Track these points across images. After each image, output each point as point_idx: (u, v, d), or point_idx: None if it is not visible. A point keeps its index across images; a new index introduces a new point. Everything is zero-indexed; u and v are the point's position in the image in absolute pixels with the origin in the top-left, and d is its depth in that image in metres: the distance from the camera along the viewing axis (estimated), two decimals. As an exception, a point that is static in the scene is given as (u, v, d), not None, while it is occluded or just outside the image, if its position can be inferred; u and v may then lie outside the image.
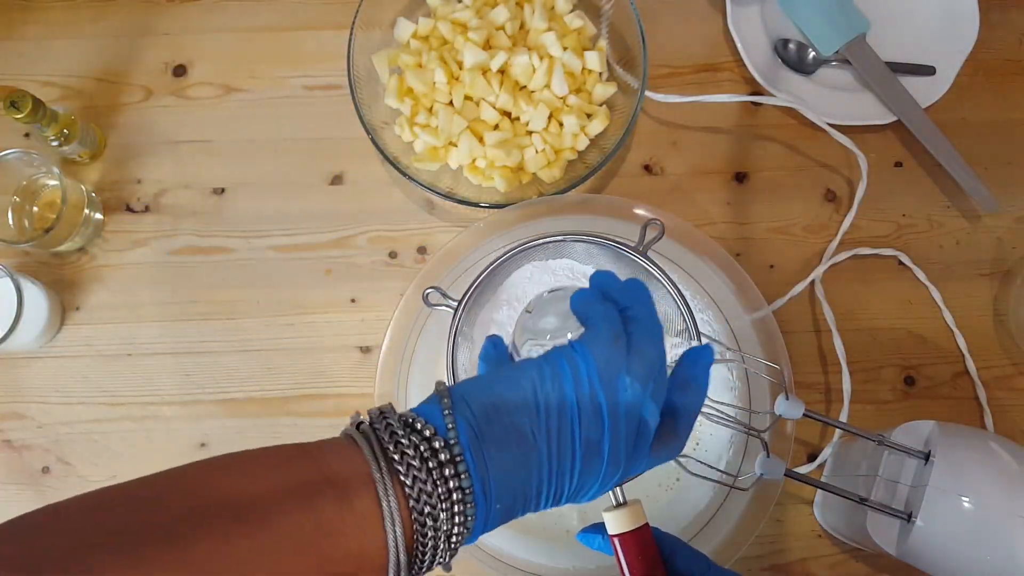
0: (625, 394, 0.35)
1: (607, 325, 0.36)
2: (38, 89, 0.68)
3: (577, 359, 0.35)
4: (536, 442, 0.33)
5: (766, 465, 0.48)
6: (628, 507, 0.42)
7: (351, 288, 0.66)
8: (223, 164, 0.68)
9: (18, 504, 0.63)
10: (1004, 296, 0.65)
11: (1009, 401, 0.64)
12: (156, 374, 0.65)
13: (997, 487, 0.46)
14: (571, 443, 0.34)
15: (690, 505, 0.57)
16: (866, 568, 0.62)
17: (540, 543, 0.57)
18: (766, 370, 0.54)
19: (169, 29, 0.71)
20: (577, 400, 0.34)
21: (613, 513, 0.42)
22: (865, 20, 0.69)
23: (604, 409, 0.34)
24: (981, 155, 0.68)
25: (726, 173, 0.68)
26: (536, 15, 0.64)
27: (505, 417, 0.34)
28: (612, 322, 0.36)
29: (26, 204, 0.66)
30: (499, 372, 0.36)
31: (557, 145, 0.65)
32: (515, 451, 0.33)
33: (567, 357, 0.35)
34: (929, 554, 0.47)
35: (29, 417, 0.64)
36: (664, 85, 0.70)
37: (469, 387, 0.35)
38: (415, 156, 0.65)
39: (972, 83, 0.69)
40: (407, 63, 0.65)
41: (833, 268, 0.66)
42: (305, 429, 0.64)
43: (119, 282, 0.66)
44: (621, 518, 0.42)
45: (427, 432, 0.33)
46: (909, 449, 0.49)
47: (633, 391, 0.35)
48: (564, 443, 0.34)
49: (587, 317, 0.37)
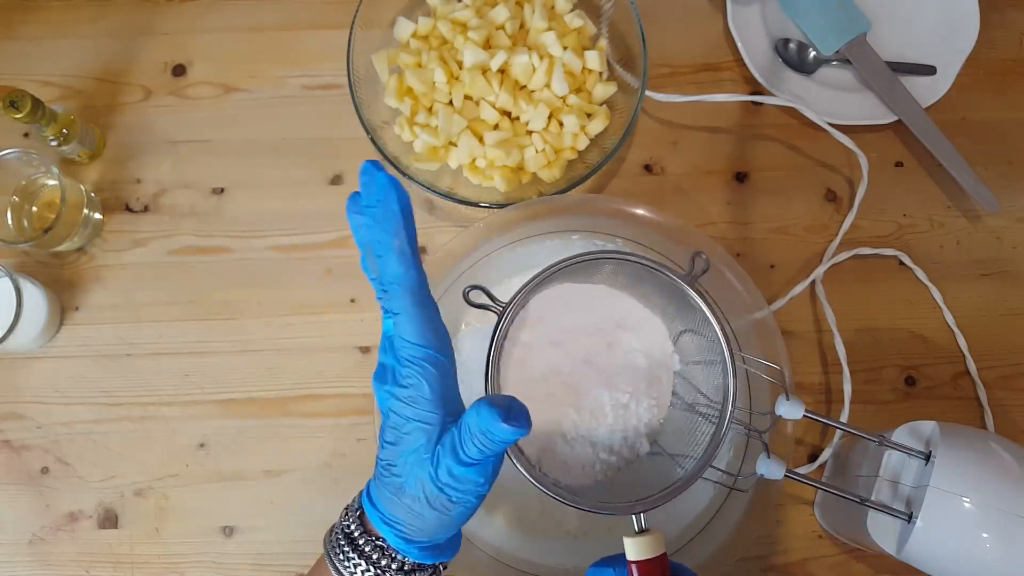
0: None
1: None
2: (37, 89, 0.68)
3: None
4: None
5: (766, 466, 0.48)
6: (650, 535, 0.42)
7: (351, 288, 0.66)
8: (223, 164, 0.68)
9: (17, 504, 0.63)
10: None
11: (1010, 401, 0.64)
12: (155, 374, 0.65)
13: (998, 487, 0.46)
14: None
15: (690, 506, 0.57)
16: (867, 569, 0.62)
17: (540, 543, 0.57)
18: (766, 370, 0.54)
19: (168, 29, 0.71)
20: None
21: (634, 540, 0.42)
22: (866, 20, 0.69)
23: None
24: (982, 155, 0.68)
25: (726, 173, 0.68)
26: (536, 14, 0.64)
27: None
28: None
29: (25, 204, 0.66)
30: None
31: (557, 145, 0.64)
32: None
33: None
34: (930, 555, 0.47)
35: (28, 417, 0.64)
36: (664, 85, 0.70)
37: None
38: (415, 156, 0.65)
39: (973, 83, 0.69)
40: (407, 63, 0.65)
41: (834, 268, 0.66)
42: (305, 429, 0.64)
43: (118, 282, 0.66)
44: (642, 545, 0.42)
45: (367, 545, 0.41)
46: (910, 449, 0.49)
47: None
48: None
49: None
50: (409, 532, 0.40)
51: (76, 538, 0.62)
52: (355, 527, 0.41)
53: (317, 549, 0.62)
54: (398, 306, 0.39)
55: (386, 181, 0.39)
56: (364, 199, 0.39)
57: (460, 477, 0.38)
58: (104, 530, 0.62)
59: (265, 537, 0.62)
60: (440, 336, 0.40)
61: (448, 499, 0.39)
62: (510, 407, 0.37)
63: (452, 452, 0.38)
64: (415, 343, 0.39)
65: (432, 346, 0.39)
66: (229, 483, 0.63)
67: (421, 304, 0.39)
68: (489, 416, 0.36)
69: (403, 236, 0.39)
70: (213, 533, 0.62)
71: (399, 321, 0.39)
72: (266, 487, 0.63)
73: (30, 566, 0.62)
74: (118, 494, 0.63)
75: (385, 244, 0.39)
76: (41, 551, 0.62)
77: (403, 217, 0.39)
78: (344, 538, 0.41)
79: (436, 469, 0.38)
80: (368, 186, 0.39)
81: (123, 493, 0.63)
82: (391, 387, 0.39)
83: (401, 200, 0.39)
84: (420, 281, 0.39)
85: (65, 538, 0.62)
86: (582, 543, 0.57)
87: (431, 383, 0.38)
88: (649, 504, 0.44)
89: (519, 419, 0.37)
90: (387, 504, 0.40)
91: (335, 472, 0.63)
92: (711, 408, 0.48)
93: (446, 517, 0.39)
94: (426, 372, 0.38)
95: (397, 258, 0.39)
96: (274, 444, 0.63)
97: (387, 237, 0.39)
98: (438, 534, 0.40)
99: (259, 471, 0.63)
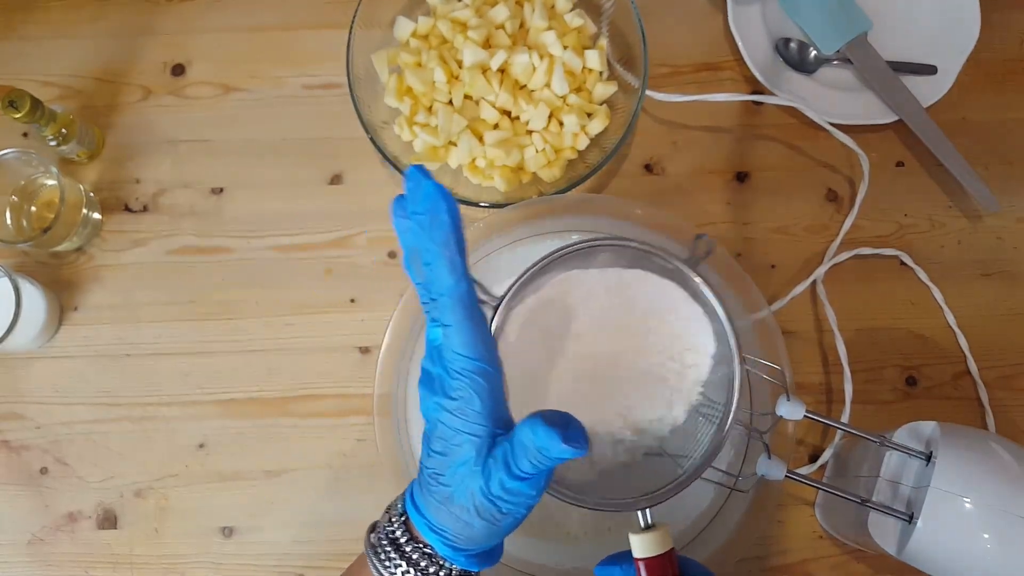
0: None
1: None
2: (37, 88, 0.68)
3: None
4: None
5: (767, 466, 0.48)
6: (656, 531, 0.41)
7: (351, 288, 0.66)
8: (222, 164, 0.68)
9: (16, 504, 0.63)
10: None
11: (1011, 401, 0.64)
12: (155, 374, 0.65)
13: (999, 488, 0.46)
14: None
15: (691, 506, 0.57)
16: (867, 569, 0.61)
17: (540, 544, 0.57)
18: (767, 371, 0.53)
19: (168, 28, 0.71)
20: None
21: (640, 536, 0.41)
22: (867, 19, 0.69)
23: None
24: (982, 154, 0.68)
25: (727, 173, 0.68)
26: (536, 14, 0.64)
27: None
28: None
29: (24, 204, 0.66)
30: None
31: (557, 144, 0.64)
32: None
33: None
34: (931, 555, 0.47)
35: (27, 417, 0.64)
36: (665, 84, 0.69)
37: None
38: (415, 156, 0.65)
39: (973, 83, 0.69)
40: (407, 62, 0.65)
41: (834, 268, 0.66)
42: (305, 429, 0.63)
43: (118, 282, 0.66)
44: (649, 542, 0.41)
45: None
46: (910, 450, 0.49)
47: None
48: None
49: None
50: (457, 541, 0.39)
51: (75, 538, 0.62)
52: (400, 532, 0.41)
53: (317, 549, 0.62)
54: (448, 318, 0.38)
55: (433, 189, 0.37)
56: (411, 206, 0.38)
57: (512, 490, 0.38)
58: (103, 530, 0.62)
59: (265, 537, 0.62)
60: (489, 347, 0.39)
61: (498, 510, 0.38)
62: (567, 424, 0.36)
63: (505, 466, 0.37)
64: (466, 355, 0.38)
65: (483, 358, 0.38)
66: (229, 483, 0.63)
67: (471, 316, 0.38)
68: (546, 435, 0.36)
69: (453, 247, 0.37)
70: (213, 533, 0.62)
71: (449, 333, 0.38)
72: (266, 487, 0.63)
73: (29, 566, 0.62)
74: (118, 494, 0.63)
75: (434, 254, 0.37)
76: (40, 551, 0.62)
77: (453, 227, 0.37)
78: (389, 543, 0.41)
79: (488, 482, 0.38)
80: (414, 192, 0.38)
81: (123, 493, 0.63)
82: (440, 399, 0.39)
83: (450, 209, 0.37)
84: (470, 292, 0.38)
85: (64, 538, 0.62)
86: (582, 544, 0.57)
87: (481, 396, 0.38)
88: (654, 499, 0.43)
89: (578, 439, 0.36)
90: (434, 512, 0.39)
91: (335, 472, 0.63)
92: (712, 408, 0.48)
93: (495, 527, 0.39)
94: (476, 384, 0.38)
95: (448, 269, 0.37)
96: (274, 444, 0.63)
97: (436, 248, 0.37)
98: (486, 542, 0.40)
99: (259, 471, 0.63)
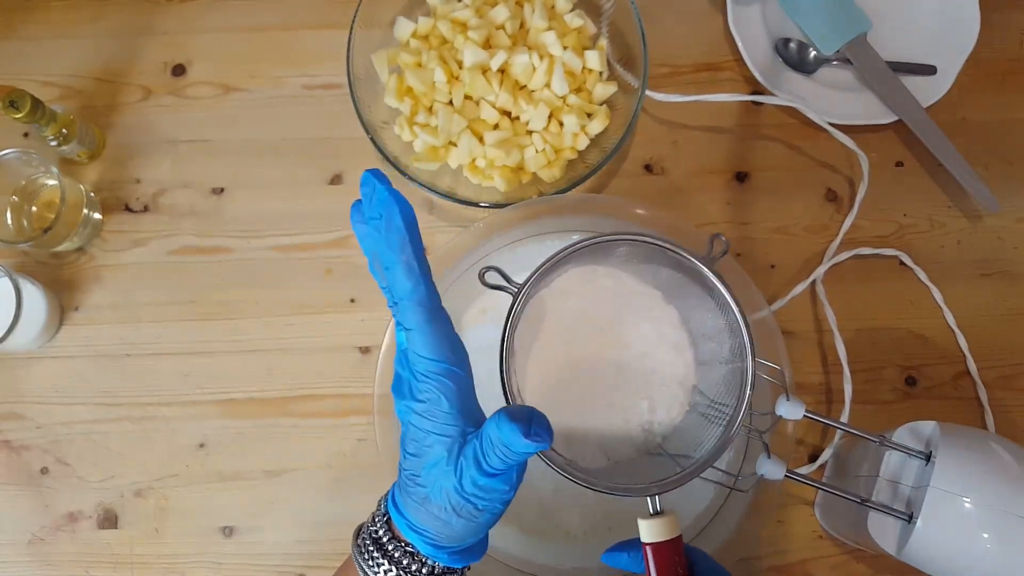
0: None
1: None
2: (37, 89, 0.68)
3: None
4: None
5: (767, 466, 0.48)
6: (665, 517, 0.41)
7: (351, 288, 0.66)
8: (222, 164, 0.68)
9: (17, 504, 0.63)
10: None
11: (1010, 401, 0.64)
12: (155, 374, 0.65)
13: (998, 487, 0.46)
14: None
15: (690, 506, 0.57)
16: (867, 569, 0.62)
17: (540, 543, 0.57)
18: (767, 371, 0.54)
19: (168, 28, 0.71)
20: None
21: (649, 522, 0.41)
22: (866, 19, 0.69)
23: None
24: (982, 155, 0.68)
25: (727, 173, 0.68)
26: (536, 14, 0.64)
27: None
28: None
29: (25, 204, 0.66)
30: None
31: (557, 145, 0.64)
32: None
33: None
34: (930, 555, 0.47)
35: (28, 417, 0.64)
36: (665, 84, 0.70)
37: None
38: (415, 156, 0.65)
39: (973, 83, 0.69)
40: (407, 62, 0.65)
41: (834, 268, 0.66)
42: (305, 430, 0.64)
43: (118, 282, 0.66)
44: (658, 527, 0.41)
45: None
46: (910, 449, 0.49)
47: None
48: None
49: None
50: (437, 539, 0.40)
51: (76, 538, 0.62)
52: (383, 532, 0.41)
53: (317, 549, 0.62)
54: (410, 321, 0.38)
55: (387, 196, 0.38)
56: (367, 211, 0.38)
57: (485, 487, 0.38)
58: (104, 530, 0.62)
59: (265, 537, 0.62)
60: (455, 348, 0.39)
61: (474, 507, 0.39)
62: (530, 419, 0.37)
63: (475, 464, 0.38)
64: (430, 358, 0.38)
65: (447, 359, 0.38)
66: (229, 483, 0.63)
67: (433, 318, 0.38)
68: (510, 430, 0.36)
69: (409, 251, 0.38)
70: (213, 533, 0.62)
71: (412, 336, 0.38)
72: (266, 487, 0.63)
73: (29, 566, 0.62)
74: (118, 494, 0.63)
75: (391, 259, 0.38)
76: (41, 551, 0.62)
77: (408, 231, 0.38)
78: (372, 543, 0.41)
79: (460, 480, 0.38)
80: (369, 198, 0.38)
81: (123, 493, 0.63)
82: (409, 401, 0.39)
83: (404, 214, 0.38)
84: (430, 295, 0.39)
85: (65, 538, 0.62)
86: (583, 544, 0.57)
87: (448, 397, 0.38)
88: (665, 486, 0.43)
89: (540, 433, 0.36)
90: (414, 513, 0.40)
91: (335, 472, 0.63)
92: (712, 408, 0.48)
93: (473, 523, 0.39)
94: (443, 386, 0.38)
95: (405, 274, 0.38)
96: (274, 444, 0.63)
97: (393, 253, 0.38)
98: (466, 539, 0.40)
99: (259, 471, 0.63)
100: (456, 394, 0.38)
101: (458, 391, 0.38)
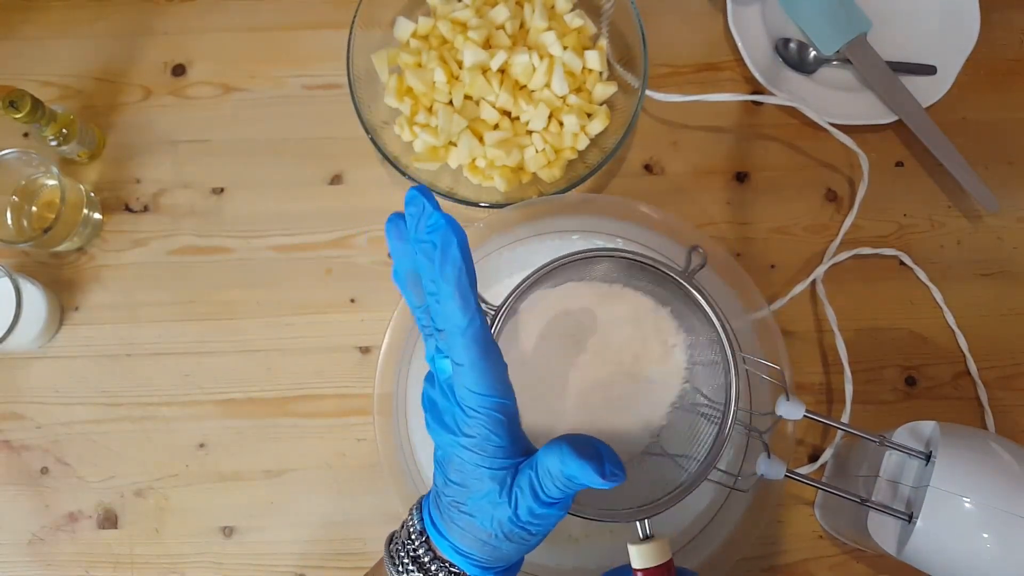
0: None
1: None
2: (37, 89, 0.68)
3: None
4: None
5: (767, 466, 0.48)
6: (655, 542, 0.41)
7: (351, 288, 0.66)
8: (222, 164, 0.68)
9: (17, 504, 0.63)
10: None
11: (1010, 401, 0.64)
12: (155, 374, 0.65)
13: (998, 487, 0.46)
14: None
15: (690, 506, 0.57)
16: (867, 569, 0.62)
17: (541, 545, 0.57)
18: (767, 371, 0.54)
19: (168, 28, 0.71)
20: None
21: (639, 547, 0.41)
22: (866, 19, 0.69)
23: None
24: (982, 154, 0.68)
25: (727, 173, 0.68)
26: (536, 14, 0.64)
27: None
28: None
29: (25, 204, 0.66)
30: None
31: (557, 145, 0.64)
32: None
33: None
34: (930, 555, 0.47)
35: (28, 417, 0.64)
36: (665, 84, 0.70)
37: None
38: (415, 156, 0.65)
39: (973, 83, 0.69)
40: (407, 62, 0.65)
41: (834, 268, 0.66)
42: (305, 430, 0.64)
43: (118, 282, 0.66)
44: (647, 553, 0.41)
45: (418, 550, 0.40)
46: (910, 449, 0.49)
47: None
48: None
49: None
50: (485, 562, 0.39)
51: (76, 538, 0.62)
52: (423, 552, 0.39)
53: (317, 549, 0.62)
54: (462, 357, 0.35)
55: (444, 224, 0.34)
56: (413, 233, 0.35)
57: (541, 515, 0.37)
58: (104, 530, 0.62)
59: (265, 537, 0.62)
60: (504, 380, 0.37)
61: (527, 533, 0.38)
62: (601, 457, 0.36)
63: (532, 494, 0.37)
64: (482, 393, 0.36)
65: (499, 394, 0.36)
66: (229, 483, 0.63)
67: (486, 353, 0.36)
68: (578, 467, 0.35)
69: (465, 283, 0.35)
70: (213, 533, 0.62)
71: (462, 372, 0.36)
72: (266, 487, 0.63)
73: (29, 566, 0.62)
74: (118, 494, 0.63)
75: (445, 292, 0.35)
76: (41, 551, 0.62)
77: (464, 262, 0.34)
78: (412, 561, 0.40)
79: (516, 511, 0.37)
80: (416, 219, 0.35)
81: (123, 493, 0.63)
82: (456, 436, 0.37)
83: (461, 243, 0.34)
84: (484, 328, 0.36)
85: (65, 538, 0.62)
86: (583, 545, 0.57)
87: (499, 433, 0.36)
88: (652, 511, 0.44)
89: (616, 473, 0.35)
90: (459, 537, 0.39)
91: (335, 472, 0.63)
92: (712, 408, 0.48)
93: (525, 546, 0.39)
94: (494, 421, 0.36)
95: (460, 308, 0.35)
96: (274, 444, 0.63)
97: (447, 286, 0.34)
98: (513, 558, 0.40)
99: (259, 471, 0.63)
100: (507, 428, 0.37)
101: (508, 424, 0.37)
